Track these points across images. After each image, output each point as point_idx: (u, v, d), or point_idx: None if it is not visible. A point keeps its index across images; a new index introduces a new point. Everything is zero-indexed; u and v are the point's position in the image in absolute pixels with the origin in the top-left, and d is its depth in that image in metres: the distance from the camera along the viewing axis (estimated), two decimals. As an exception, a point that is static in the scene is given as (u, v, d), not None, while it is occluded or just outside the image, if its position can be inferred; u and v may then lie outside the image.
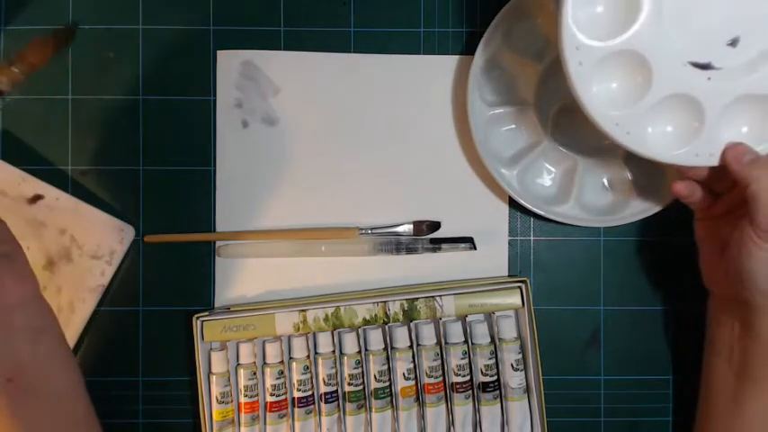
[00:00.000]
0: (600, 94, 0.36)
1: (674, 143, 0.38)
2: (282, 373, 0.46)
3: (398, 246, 0.47)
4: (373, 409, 0.46)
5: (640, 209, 0.46)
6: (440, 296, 0.46)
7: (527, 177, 0.47)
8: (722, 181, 0.40)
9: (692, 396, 0.45)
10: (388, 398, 0.46)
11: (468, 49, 0.48)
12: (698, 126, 0.37)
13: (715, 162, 0.38)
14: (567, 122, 0.47)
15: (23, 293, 0.35)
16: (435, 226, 0.48)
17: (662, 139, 0.38)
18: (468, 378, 0.46)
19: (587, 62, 0.35)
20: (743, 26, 0.36)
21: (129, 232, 0.47)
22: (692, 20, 0.36)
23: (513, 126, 0.48)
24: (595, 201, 0.47)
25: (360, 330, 0.47)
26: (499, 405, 0.46)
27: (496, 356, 0.46)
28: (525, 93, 0.47)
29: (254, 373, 0.46)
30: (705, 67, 0.36)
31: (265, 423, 0.46)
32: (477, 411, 0.46)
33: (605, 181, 0.48)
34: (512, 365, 0.46)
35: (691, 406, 0.45)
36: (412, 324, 0.47)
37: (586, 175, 0.47)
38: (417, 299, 0.46)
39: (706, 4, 0.36)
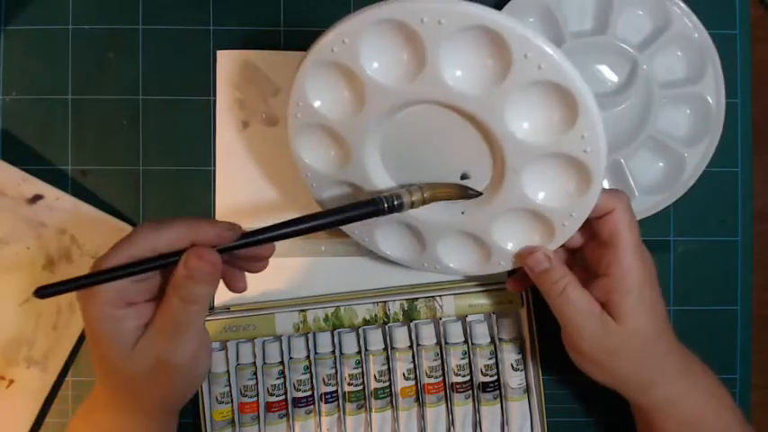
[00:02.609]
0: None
1: (469, 264, 0.42)
2: (282, 373, 0.46)
3: (398, 246, 0.47)
4: (373, 409, 0.46)
5: (641, 208, 0.46)
6: (440, 296, 0.46)
7: None
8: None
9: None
10: (388, 398, 0.46)
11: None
12: (484, 251, 0.40)
13: (510, 267, 0.41)
14: None
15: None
16: (435, 226, 0.48)
17: (464, 262, 0.42)
18: (468, 378, 0.46)
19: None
20: (465, 162, 0.38)
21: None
22: (417, 167, 0.39)
23: None
24: None
25: (360, 330, 0.47)
26: (499, 405, 0.46)
27: (496, 356, 0.46)
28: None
29: (254, 374, 0.46)
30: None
31: (265, 423, 0.46)
32: (477, 411, 0.46)
33: (605, 181, 0.48)
34: (512, 365, 0.46)
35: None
36: (412, 324, 0.47)
37: None
38: (417, 299, 0.46)
39: (422, 154, 0.39)
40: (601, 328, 0.37)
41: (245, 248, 0.33)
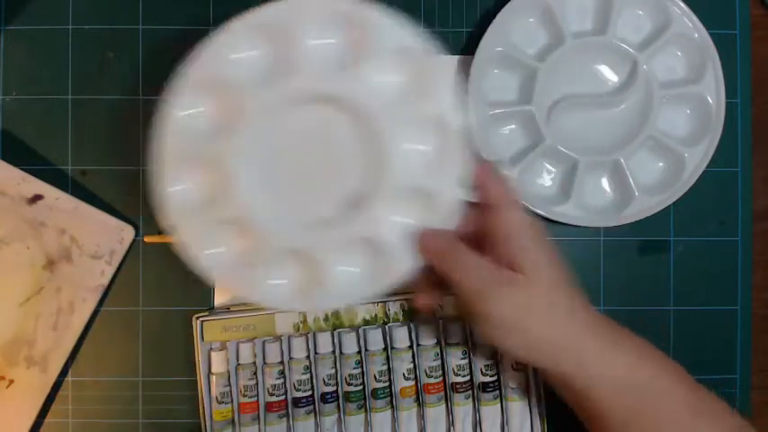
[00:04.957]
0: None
1: (371, 278, 0.40)
2: (282, 373, 0.46)
3: (398, 246, 0.47)
4: (373, 410, 0.46)
5: (641, 208, 0.46)
6: (440, 296, 0.46)
7: (527, 177, 0.47)
8: None
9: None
10: (388, 398, 0.46)
11: (468, 49, 0.48)
12: (382, 256, 0.39)
13: (409, 265, 0.39)
14: (566, 122, 0.47)
15: None
16: (435, 226, 0.48)
17: (365, 276, 0.40)
18: (468, 378, 0.46)
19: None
20: (343, 160, 0.40)
21: (129, 232, 0.47)
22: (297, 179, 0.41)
23: (513, 126, 0.48)
24: (595, 201, 0.47)
25: (360, 330, 0.47)
26: (499, 405, 0.46)
27: (496, 356, 0.46)
28: (524, 92, 0.47)
29: (254, 374, 0.46)
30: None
31: (265, 423, 0.46)
32: (477, 411, 0.46)
33: (605, 181, 0.48)
34: (512, 365, 0.46)
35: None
36: (412, 324, 0.47)
37: (586, 175, 0.47)
38: (417, 299, 0.46)
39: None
40: (506, 284, 0.36)
41: None
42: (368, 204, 0.39)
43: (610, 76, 0.47)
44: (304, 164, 0.40)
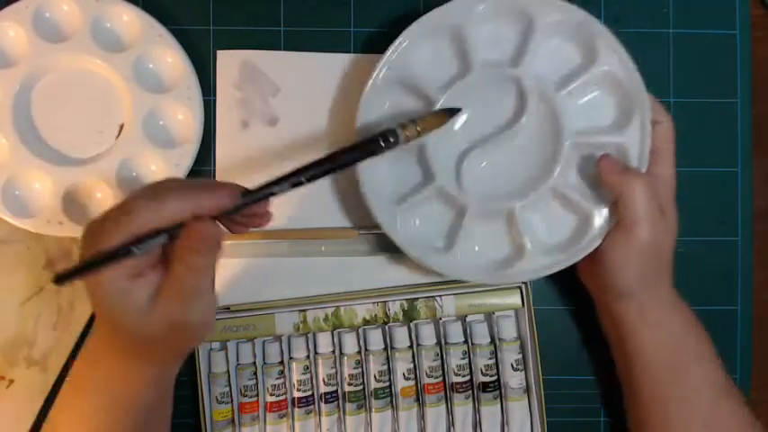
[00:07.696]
0: None
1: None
2: (282, 373, 0.46)
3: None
4: (373, 410, 0.46)
5: (533, 267, 0.42)
6: (440, 296, 0.46)
7: (408, 219, 0.44)
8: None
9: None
10: (388, 398, 0.46)
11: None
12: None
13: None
14: (465, 165, 0.42)
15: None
16: (435, 226, 0.48)
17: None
18: (468, 378, 0.46)
19: None
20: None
21: (129, 232, 0.47)
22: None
23: (404, 163, 0.44)
24: (484, 253, 0.43)
25: (360, 330, 0.47)
26: (499, 405, 0.46)
27: (496, 356, 0.46)
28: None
29: (254, 373, 0.46)
30: None
31: (265, 423, 0.46)
32: (477, 411, 0.46)
33: (496, 231, 0.43)
34: (512, 365, 0.46)
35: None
36: (412, 324, 0.47)
37: (476, 223, 0.42)
38: (417, 299, 0.46)
39: None
40: (620, 230, 0.41)
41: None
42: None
43: (515, 112, 0.42)
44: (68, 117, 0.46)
